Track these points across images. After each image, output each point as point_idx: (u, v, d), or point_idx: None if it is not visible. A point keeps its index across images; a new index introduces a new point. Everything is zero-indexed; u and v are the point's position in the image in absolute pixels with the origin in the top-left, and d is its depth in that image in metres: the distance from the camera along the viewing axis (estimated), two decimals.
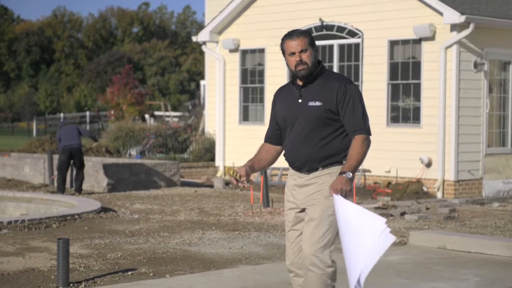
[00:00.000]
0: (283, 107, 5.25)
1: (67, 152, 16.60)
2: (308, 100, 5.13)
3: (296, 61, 5.07)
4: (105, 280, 8.02)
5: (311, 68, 5.11)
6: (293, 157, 5.25)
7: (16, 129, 60.87)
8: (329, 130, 5.11)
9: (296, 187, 5.27)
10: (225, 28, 20.04)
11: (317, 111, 5.08)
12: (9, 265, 8.71)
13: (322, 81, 5.16)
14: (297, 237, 5.30)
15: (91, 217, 12.68)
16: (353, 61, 18.05)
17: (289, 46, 5.10)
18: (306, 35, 5.15)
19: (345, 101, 5.09)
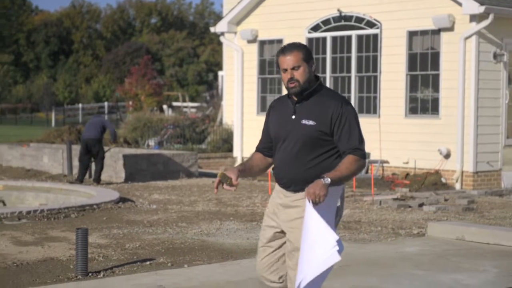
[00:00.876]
0: (276, 121, 5.06)
1: (84, 142, 16.70)
2: (301, 117, 4.93)
3: (287, 78, 4.89)
4: (123, 269, 8.05)
5: (303, 85, 4.89)
6: (281, 174, 5.03)
7: (35, 120, 61.15)
8: (320, 150, 4.91)
9: (281, 207, 5.04)
10: (243, 18, 20.02)
11: (310, 130, 4.88)
12: (29, 255, 8.76)
13: (318, 99, 4.95)
14: (269, 254, 5.11)
15: (110, 207, 12.72)
16: (371, 52, 17.98)
17: (282, 62, 4.91)
18: (300, 49, 4.92)
19: (341, 123, 4.88)
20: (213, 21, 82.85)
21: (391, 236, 10.31)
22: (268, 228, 5.14)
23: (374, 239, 10.09)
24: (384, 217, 12.07)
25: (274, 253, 5.11)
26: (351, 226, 11.14)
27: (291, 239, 4.98)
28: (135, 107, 42.81)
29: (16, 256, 8.67)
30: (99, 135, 16.85)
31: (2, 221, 11.16)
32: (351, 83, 18.38)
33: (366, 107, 18.21)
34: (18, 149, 21.36)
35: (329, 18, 18.56)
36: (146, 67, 47.81)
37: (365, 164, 5.01)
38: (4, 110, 67.11)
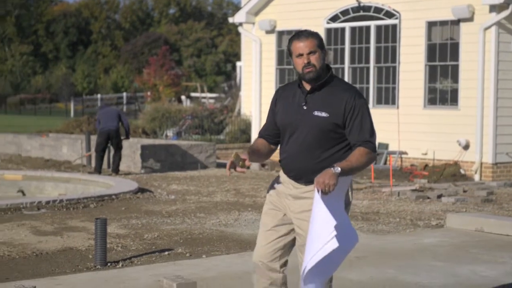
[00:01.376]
0: (285, 110, 4.90)
1: (105, 134, 16.74)
2: (313, 108, 4.80)
3: (303, 63, 4.77)
4: (142, 260, 8.09)
5: (319, 71, 4.80)
6: (290, 166, 4.88)
7: (54, 110, 61.45)
8: (331, 143, 4.80)
9: (291, 197, 4.90)
10: (261, 9, 19.99)
11: (322, 122, 4.76)
12: (48, 244, 8.81)
13: (331, 90, 4.83)
14: (275, 239, 4.93)
15: (128, 197, 12.78)
16: (390, 42, 17.92)
17: (297, 47, 4.80)
18: (315, 36, 4.87)
19: (353, 115, 4.76)
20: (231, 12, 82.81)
21: (409, 227, 10.30)
22: (274, 212, 4.97)
23: (393, 230, 10.08)
24: (403, 208, 12.05)
25: (280, 238, 4.94)
26: (370, 217, 11.13)
27: (301, 231, 4.85)
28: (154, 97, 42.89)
29: (35, 245, 8.73)
30: (117, 125, 16.93)
31: (21, 211, 11.24)
32: (369, 74, 18.33)
33: (384, 98, 18.16)
34: (38, 139, 21.47)
35: (347, 9, 18.51)
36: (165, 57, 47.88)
37: (375, 158, 4.91)
38: (24, 101, 67.45)
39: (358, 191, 13.92)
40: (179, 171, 17.53)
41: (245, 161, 4.78)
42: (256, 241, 5.06)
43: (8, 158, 20.63)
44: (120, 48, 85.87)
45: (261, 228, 5.04)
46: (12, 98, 69.39)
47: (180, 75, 51.16)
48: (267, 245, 4.94)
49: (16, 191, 15.82)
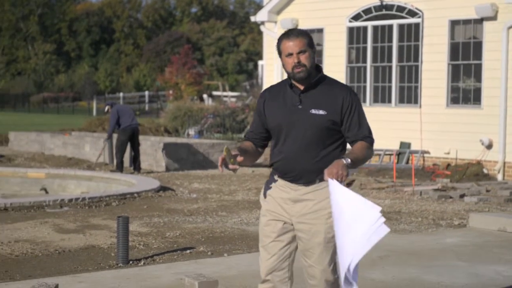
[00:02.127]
0: (277, 110, 4.76)
1: (130, 131, 16.76)
2: (309, 107, 4.69)
3: (293, 63, 4.65)
4: (164, 258, 8.11)
5: (309, 70, 4.68)
6: (289, 167, 4.73)
7: (76, 108, 61.75)
8: (329, 141, 4.70)
9: (290, 201, 4.73)
10: (283, 8, 19.97)
11: (320, 120, 4.66)
12: (70, 242, 8.86)
13: (325, 88, 4.74)
14: (281, 249, 4.75)
15: (150, 195, 12.81)
16: (413, 41, 17.84)
17: (286, 46, 4.68)
18: (304, 35, 4.70)
19: (351, 112, 4.70)
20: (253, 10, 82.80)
21: (431, 227, 10.25)
22: (274, 222, 4.78)
23: (415, 230, 10.04)
24: (425, 207, 12.00)
25: (285, 248, 4.76)
26: (392, 216, 11.10)
27: (303, 235, 4.71)
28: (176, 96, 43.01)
29: (58, 243, 8.78)
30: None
31: (44, 209, 11.30)
32: (392, 73, 18.26)
33: (407, 97, 18.09)
34: (60, 138, 21.60)
35: (370, 7, 18.45)
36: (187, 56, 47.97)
37: (373, 153, 4.81)
38: (47, 99, 67.87)
39: (380, 191, 13.88)
40: (201, 169, 17.56)
41: (236, 157, 4.60)
42: (260, 256, 4.84)
43: (32, 156, 20.76)
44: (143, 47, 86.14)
45: (262, 241, 4.83)
46: (36, 96, 69.85)
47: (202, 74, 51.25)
48: (272, 258, 4.77)
49: (39, 189, 15.92)
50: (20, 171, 16.62)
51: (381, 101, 18.51)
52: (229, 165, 4.57)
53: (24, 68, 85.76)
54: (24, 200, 11.71)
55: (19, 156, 20.70)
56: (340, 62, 19.04)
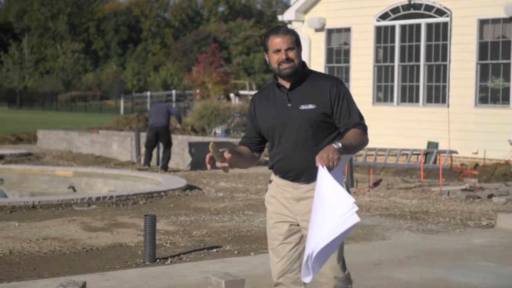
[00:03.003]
0: (268, 113, 4.72)
1: (153, 130, 16.92)
2: (298, 103, 4.64)
3: (281, 59, 4.62)
4: (190, 256, 8.13)
5: (297, 66, 4.65)
6: (288, 167, 4.68)
7: (104, 107, 62.06)
8: (324, 134, 4.64)
9: (293, 200, 4.69)
10: (311, 7, 19.95)
11: (311, 114, 4.61)
12: (98, 240, 8.90)
13: (311, 83, 4.69)
14: (289, 251, 4.72)
15: (177, 194, 12.85)
16: (441, 40, 17.75)
17: (275, 42, 4.65)
18: (292, 33, 4.71)
19: (339, 101, 4.63)
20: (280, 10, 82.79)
21: (459, 227, 10.20)
22: (280, 224, 4.74)
23: (442, 230, 9.99)
24: (452, 208, 11.93)
25: (294, 249, 4.73)
26: (419, 216, 11.05)
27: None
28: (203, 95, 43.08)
29: (86, 241, 8.83)
30: (166, 122, 17.08)
31: (72, 207, 11.37)
32: (419, 72, 18.18)
33: (435, 97, 18.00)
34: (88, 136, 21.72)
35: (398, 6, 18.38)
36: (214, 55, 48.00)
37: (368, 140, 4.70)
38: (75, 98, 68.28)
39: (407, 190, 13.82)
40: None
41: (224, 153, 4.49)
42: (270, 260, 4.82)
43: (60, 154, 20.90)
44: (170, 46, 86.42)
45: (271, 244, 4.79)
46: (64, 95, 70.30)
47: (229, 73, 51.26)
48: (282, 260, 4.74)
49: (67, 187, 16.02)
50: (49, 169, 16.74)
51: (408, 100, 18.43)
52: (217, 163, 4.49)
53: (53, 66, 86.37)
54: (52, 198, 11.80)
55: (47, 154, 20.86)
56: (367, 61, 18.98)
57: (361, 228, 10.00)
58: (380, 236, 9.51)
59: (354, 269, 7.52)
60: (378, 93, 19.03)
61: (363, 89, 19.01)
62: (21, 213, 10.80)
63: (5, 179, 16.64)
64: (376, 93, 19.01)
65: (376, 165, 17.48)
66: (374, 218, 10.84)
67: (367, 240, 9.21)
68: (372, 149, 18.15)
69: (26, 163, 18.68)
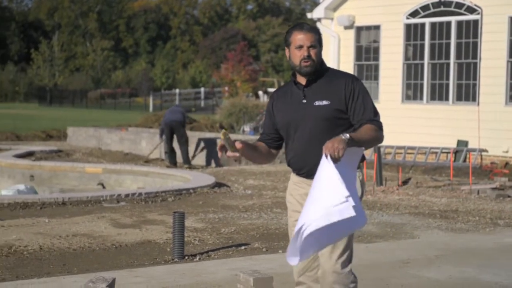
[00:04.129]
0: (284, 110, 4.75)
1: (168, 127, 17.35)
2: (313, 100, 4.65)
3: (303, 56, 4.62)
4: (219, 254, 8.14)
5: (317, 66, 4.65)
6: (301, 163, 4.71)
7: (133, 104, 62.34)
8: (339, 130, 4.57)
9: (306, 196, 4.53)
10: (340, 4, 19.88)
11: (325, 110, 4.61)
12: (127, 237, 8.94)
13: (327, 79, 4.69)
14: None
15: (206, 191, 12.88)
16: (471, 38, 17.62)
17: (298, 38, 4.66)
18: (316, 31, 4.70)
19: (354, 97, 4.61)
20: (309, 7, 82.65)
21: (489, 226, 10.12)
22: None
23: (472, 229, 9.93)
24: (482, 206, 11.85)
25: None
26: (448, 215, 10.99)
27: None
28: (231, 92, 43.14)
29: (115, 238, 8.87)
30: (181, 118, 17.31)
31: (101, 204, 11.44)
32: (449, 70, 18.06)
33: (465, 95, 17.87)
34: (117, 133, 21.83)
35: (428, 4, 18.26)
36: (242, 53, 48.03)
37: (383, 137, 4.65)
38: (104, 95, 68.67)
39: (436, 189, 13.75)
40: (256, 165, 17.58)
41: (234, 142, 4.46)
42: None
43: (89, 151, 21.03)
44: (199, 44, 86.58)
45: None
46: (93, 92, 70.74)
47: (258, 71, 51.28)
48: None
49: (96, 184, 16.12)
50: (78, 166, 16.85)
51: (438, 98, 18.32)
52: (228, 152, 4.45)
53: (82, 64, 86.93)
54: (81, 195, 11.87)
55: (77, 151, 20.99)
56: (397, 59, 18.88)
57: (390, 226, 9.96)
58: (409, 234, 9.47)
59: (383, 268, 7.50)
60: (408, 91, 18.93)
61: (392, 87, 18.93)
62: (51, 210, 10.89)
63: (36, 176, 16.78)
64: (406, 91, 18.91)
65: (405, 163, 17.39)
66: (403, 217, 10.79)
67: (396, 239, 9.17)
68: (401, 147, 18.08)
69: (56, 159, 18.83)
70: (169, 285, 6.71)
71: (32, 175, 16.81)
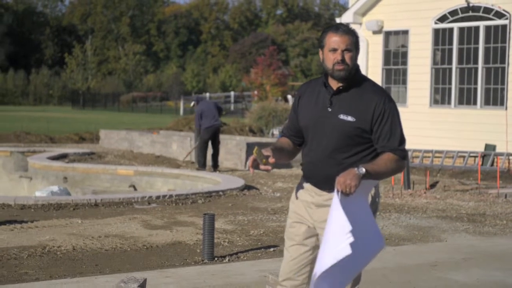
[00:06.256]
0: (308, 109, 4.44)
1: (212, 131, 16.91)
2: (339, 111, 4.31)
3: (336, 59, 4.28)
4: (248, 255, 8.14)
5: (351, 71, 4.33)
6: (312, 172, 4.44)
7: (164, 108, 62.56)
8: (357, 148, 4.33)
9: (313, 206, 4.44)
10: (369, 9, 19.84)
11: (348, 126, 4.28)
12: (158, 238, 8.98)
13: (358, 92, 4.35)
14: (303, 254, 4.46)
15: (235, 194, 12.89)
16: (500, 43, 17.50)
17: (333, 40, 4.30)
18: (353, 34, 4.37)
19: (383, 120, 4.29)
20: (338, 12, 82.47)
21: None
22: (298, 225, 4.51)
23: (499, 233, 9.85)
24: (510, 210, 11.75)
25: (308, 253, 4.47)
26: (476, 219, 10.91)
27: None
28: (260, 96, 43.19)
29: (146, 239, 8.91)
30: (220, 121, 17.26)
31: (133, 205, 11.49)
32: (477, 75, 17.94)
33: (493, 99, 17.75)
34: (149, 136, 21.93)
35: (456, 9, 18.17)
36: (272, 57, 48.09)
37: (404, 166, 4.41)
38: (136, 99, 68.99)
39: (464, 193, 13.66)
40: (285, 168, 17.57)
41: (268, 157, 4.27)
42: (284, 257, 4.58)
43: (121, 154, 21.14)
44: (229, 48, 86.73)
45: (286, 243, 4.57)
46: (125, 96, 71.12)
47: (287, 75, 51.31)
48: (293, 261, 4.49)
49: (128, 186, 16.20)
50: (110, 168, 16.94)
51: (466, 103, 18.20)
52: (261, 166, 4.28)
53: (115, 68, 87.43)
54: (113, 197, 11.93)
55: (109, 154, 21.11)
56: (425, 63, 18.80)
57: (418, 229, 9.91)
58: (436, 237, 9.41)
59: (410, 270, 7.46)
60: (436, 95, 18.83)
61: (420, 91, 18.84)
62: (84, 211, 10.96)
63: (69, 178, 16.90)
64: (434, 95, 18.82)
65: (433, 167, 17.30)
66: (430, 220, 10.73)
67: (424, 242, 9.12)
68: (429, 151, 17.98)
69: (89, 162, 18.94)
70: (199, 286, 6.72)
71: (65, 177, 16.93)
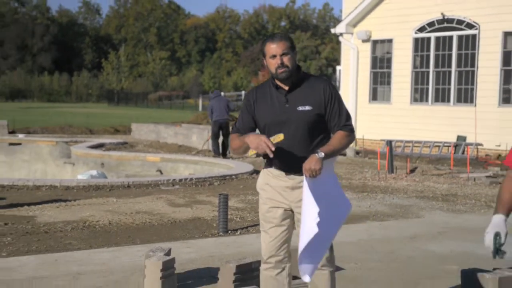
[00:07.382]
0: (266, 111, 4.31)
1: (218, 124, 17.19)
2: (296, 104, 4.25)
3: (277, 64, 4.22)
4: (256, 229, 8.14)
5: (292, 71, 4.24)
6: (282, 162, 4.32)
7: (185, 105, 62.53)
8: (319, 133, 4.29)
9: (288, 189, 4.33)
10: (359, 21, 19.77)
11: (307, 115, 4.23)
12: (180, 214, 8.99)
13: (307, 85, 4.30)
14: (281, 233, 4.36)
15: (245, 177, 12.88)
16: (470, 49, 17.43)
17: (271, 48, 4.24)
18: (287, 39, 4.29)
19: (331, 102, 4.27)
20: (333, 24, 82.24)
21: (484, 208, 10.02)
22: (275, 209, 4.39)
23: (469, 210, 9.83)
24: (478, 191, 11.72)
25: (286, 232, 4.39)
26: (449, 198, 10.89)
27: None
28: None
29: (170, 215, 8.92)
30: (228, 116, 17.30)
31: (159, 187, 11.50)
32: (451, 77, 17.88)
33: (464, 97, 17.69)
34: (172, 129, 21.93)
35: (433, 21, 18.09)
36: None
37: (354, 137, 4.63)
38: (162, 97, 68.98)
39: (439, 177, 13.63)
40: None
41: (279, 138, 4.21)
42: (262, 239, 4.45)
43: (149, 143, 21.16)
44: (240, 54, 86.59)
45: (264, 226, 4.42)
46: (152, 94, 71.10)
47: None
48: (274, 240, 4.39)
49: (155, 171, 16.20)
50: (140, 155, 16.95)
51: (441, 100, 18.15)
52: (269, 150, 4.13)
53: (144, 71, 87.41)
54: (143, 180, 11.95)
55: (139, 143, 21.13)
56: (406, 67, 18.75)
57: (400, 207, 9.90)
58: (415, 214, 9.40)
59: (393, 242, 7.46)
60: (415, 94, 18.78)
61: (402, 91, 18.81)
62: (118, 191, 10.98)
63: (105, 163, 16.92)
64: (414, 94, 18.77)
65: (413, 155, 17.27)
66: (410, 199, 10.72)
67: (404, 218, 9.12)
68: (410, 142, 17.95)
69: (122, 150, 18.96)
70: (215, 254, 6.73)
71: (102, 163, 16.95)
